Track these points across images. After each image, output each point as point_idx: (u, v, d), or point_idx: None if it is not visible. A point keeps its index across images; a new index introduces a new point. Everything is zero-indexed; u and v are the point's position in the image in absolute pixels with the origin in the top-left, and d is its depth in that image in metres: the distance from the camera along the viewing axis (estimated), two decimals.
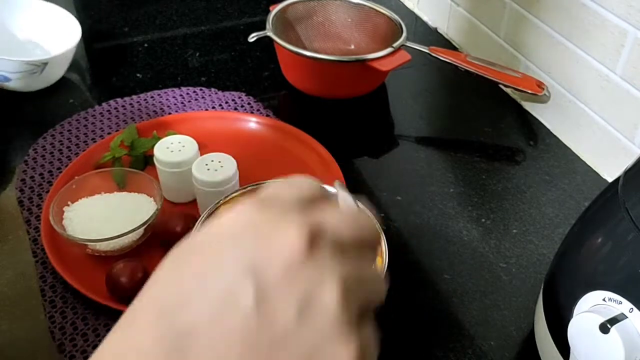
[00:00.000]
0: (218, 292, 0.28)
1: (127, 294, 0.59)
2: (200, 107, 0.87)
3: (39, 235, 0.67)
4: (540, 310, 0.56)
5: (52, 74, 0.87)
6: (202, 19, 1.07)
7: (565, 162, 0.81)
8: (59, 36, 0.88)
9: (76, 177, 0.69)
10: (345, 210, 0.35)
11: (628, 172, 0.50)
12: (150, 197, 0.68)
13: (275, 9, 0.92)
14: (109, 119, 0.84)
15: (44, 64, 0.83)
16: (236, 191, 0.56)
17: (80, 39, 0.88)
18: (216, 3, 1.12)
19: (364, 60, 0.84)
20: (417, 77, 0.96)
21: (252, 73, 0.95)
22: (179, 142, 0.70)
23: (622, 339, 0.44)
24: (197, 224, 0.53)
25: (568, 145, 0.83)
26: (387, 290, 0.36)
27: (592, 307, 0.47)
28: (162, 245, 0.66)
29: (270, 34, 0.87)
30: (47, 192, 0.71)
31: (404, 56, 0.86)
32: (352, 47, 0.96)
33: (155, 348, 0.28)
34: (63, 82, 0.90)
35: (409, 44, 0.87)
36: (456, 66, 0.86)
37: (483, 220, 0.72)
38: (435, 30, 1.07)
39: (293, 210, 0.31)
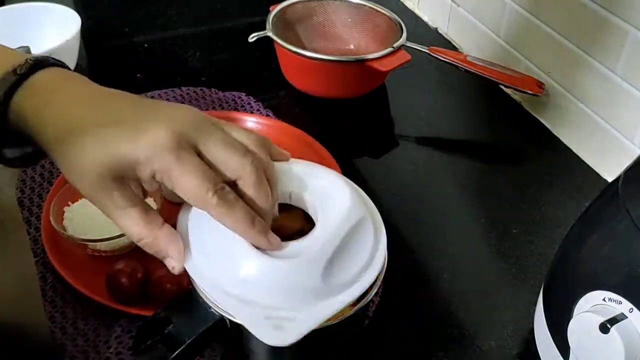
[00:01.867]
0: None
1: (127, 293, 0.59)
2: (200, 107, 0.87)
3: (39, 235, 0.67)
4: (540, 310, 0.56)
5: None
6: (202, 19, 1.07)
7: (565, 162, 0.81)
8: (61, 31, 0.88)
9: None
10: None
11: (628, 172, 0.50)
12: (150, 197, 0.68)
13: (275, 9, 0.92)
14: None
15: None
16: None
17: (79, 31, 0.88)
18: (216, 3, 1.12)
19: (364, 60, 0.84)
20: (417, 77, 0.96)
21: (252, 73, 0.95)
22: None
23: (622, 339, 0.44)
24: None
25: (568, 145, 0.83)
26: (387, 290, 0.37)
27: (592, 307, 0.47)
28: None
29: (270, 34, 0.87)
30: (47, 192, 0.71)
31: (404, 56, 0.86)
32: (352, 47, 0.96)
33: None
34: None
35: (409, 44, 0.87)
36: (456, 66, 0.86)
37: (483, 220, 0.72)
38: (435, 30, 1.07)
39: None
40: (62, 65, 0.47)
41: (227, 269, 0.44)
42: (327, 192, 0.49)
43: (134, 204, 0.43)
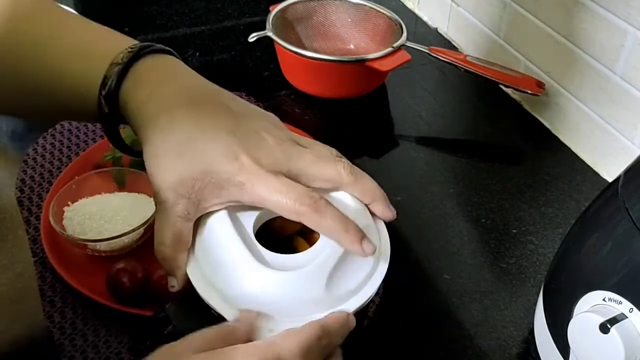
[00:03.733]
0: None
1: (127, 294, 0.59)
2: None
3: (39, 235, 0.67)
4: (540, 310, 0.56)
5: None
6: (202, 19, 1.07)
7: (565, 162, 0.81)
8: None
9: (76, 177, 0.69)
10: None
11: (628, 172, 0.50)
12: (150, 197, 0.68)
13: (275, 9, 0.92)
14: None
15: None
16: None
17: None
18: (216, 3, 1.12)
19: (364, 60, 0.84)
20: (417, 77, 0.96)
21: (252, 73, 0.95)
22: None
23: (622, 339, 0.44)
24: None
25: (568, 145, 0.83)
26: (387, 290, 0.37)
27: (592, 307, 0.47)
28: None
29: (270, 34, 0.87)
30: (47, 192, 0.71)
31: (404, 56, 0.86)
32: (352, 47, 0.96)
33: None
34: None
35: (409, 44, 0.87)
36: (456, 66, 0.86)
37: (483, 220, 0.72)
38: (435, 30, 1.07)
39: None
40: (165, 51, 0.48)
41: (230, 280, 0.44)
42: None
43: (186, 219, 0.45)
